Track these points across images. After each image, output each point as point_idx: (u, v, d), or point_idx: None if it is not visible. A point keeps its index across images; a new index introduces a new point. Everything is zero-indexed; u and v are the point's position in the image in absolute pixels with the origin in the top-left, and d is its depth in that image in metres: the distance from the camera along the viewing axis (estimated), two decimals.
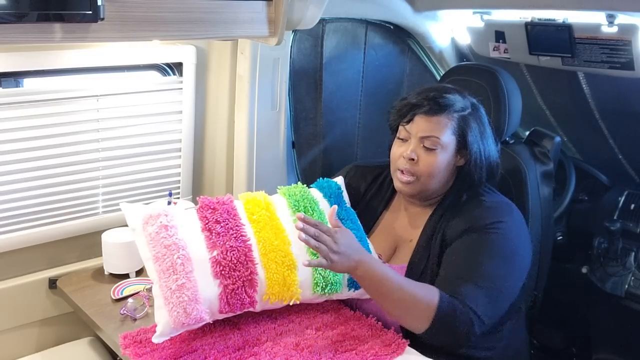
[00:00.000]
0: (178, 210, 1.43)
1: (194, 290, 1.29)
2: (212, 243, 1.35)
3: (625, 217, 2.11)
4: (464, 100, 1.49)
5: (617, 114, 2.12)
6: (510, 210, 1.50)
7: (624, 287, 2.02)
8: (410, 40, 2.37)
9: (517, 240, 1.46)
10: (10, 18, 1.17)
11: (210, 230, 1.37)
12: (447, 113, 1.45)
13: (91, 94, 1.73)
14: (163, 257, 1.31)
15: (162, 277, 1.30)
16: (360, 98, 2.32)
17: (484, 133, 1.49)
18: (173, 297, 1.28)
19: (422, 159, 1.46)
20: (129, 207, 1.42)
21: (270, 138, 2.04)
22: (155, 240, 1.34)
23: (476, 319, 1.32)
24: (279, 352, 1.30)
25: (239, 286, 1.33)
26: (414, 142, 1.47)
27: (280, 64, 1.97)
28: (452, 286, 1.35)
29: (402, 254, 1.54)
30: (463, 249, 1.42)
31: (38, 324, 1.78)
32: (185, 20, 1.43)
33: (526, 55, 2.08)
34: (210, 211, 1.40)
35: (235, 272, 1.33)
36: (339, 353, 1.31)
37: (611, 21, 1.75)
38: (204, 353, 1.30)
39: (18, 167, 1.66)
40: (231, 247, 1.35)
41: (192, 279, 1.30)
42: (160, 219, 1.36)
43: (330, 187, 1.58)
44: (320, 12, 1.69)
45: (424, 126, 1.46)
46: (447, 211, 1.50)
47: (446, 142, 1.45)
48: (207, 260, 1.34)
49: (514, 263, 1.43)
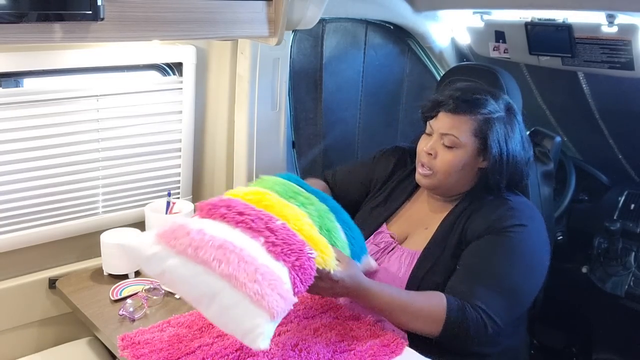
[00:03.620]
0: (184, 220, 1.27)
1: (271, 273, 1.13)
2: (253, 231, 1.20)
3: (625, 217, 2.12)
4: (495, 103, 1.47)
5: (617, 114, 2.12)
6: (533, 215, 1.48)
7: (624, 287, 2.02)
8: (410, 40, 2.37)
9: (537, 247, 1.45)
10: (10, 18, 1.17)
11: (241, 223, 1.21)
12: (471, 113, 1.44)
13: (91, 94, 1.73)
14: (223, 257, 1.13)
15: (236, 275, 1.11)
16: (360, 98, 2.33)
17: (510, 138, 1.46)
18: (263, 287, 1.10)
19: (440, 156, 1.47)
20: (134, 237, 1.25)
21: (270, 138, 2.04)
22: (201, 246, 1.15)
23: (489, 321, 1.34)
24: (277, 352, 1.30)
25: (303, 259, 1.20)
26: (435, 138, 1.48)
27: (280, 64, 1.97)
28: (466, 286, 1.37)
29: (416, 239, 1.54)
30: (481, 249, 1.42)
31: (37, 324, 1.78)
32: (185, 20, 1.43)
33: (526, 55, 2.08)
34: (224, 208, 1.25)
35: (293, 246, 1.20)
36: (337, 353, 1.31)
37: (611, 21, 1.76)
38: (202, 354, 1.29)
39: (18, 167, 1.66)
40: (271, 228, 1.21)
41: (263, 265, 1.14)
42: (185, 228, 1.19)
43: (290, 176, 1.49)
44: (320, 12, 1.69)
45: (445, 123, 1.46)
46: (469, 208, 1.50)
47: (465, 141, 1.44)
48: (260, 248, 1.18)
49: (532, 268, 1.43)
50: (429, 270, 1.45)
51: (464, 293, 1.36)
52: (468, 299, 1.35)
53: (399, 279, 1.47)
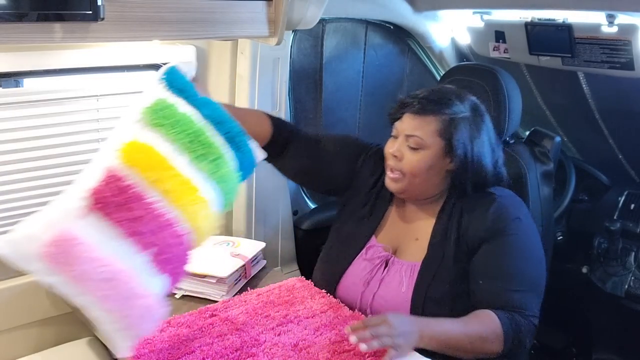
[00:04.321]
0: (74, 234, 1.09)
1: (148, 306, 1.12)
2: (141, 245, 1.13)
3: (625, 217, 2.12)
4: (461, 104, 1.45)
5: (617, 114, 2.13)
6: (519, 203, 1.51)
7: (624, 287, 2.02)
8: (410, 40, 2.38)
9: (534, 234, 1.49)
10: (10, 18, 1.17)
11: (133, 235, 1.12)
12: (435, 114, 1.43)
13: (91, 93, 1.72)
14: (108, 292, 1.09)
15: (113, 310, 1.09)
16: (360, 98, 2.33)
17: (476, 139, 1.44)
18: (134, 322, 1.11)
19: (406, 158, 1.45)
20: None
21: None
22: (89, 278, 1.08)
23: (535, 320, 1.38)
24: (277, 352, 1.30)
25: (181, 269, 1.18)
26: (400, 140, 1.46)
27: (280, 64, 1.97)
28: (505, 298, 1.37)
29: (410, 251, 1.52)
30: (496, 255, 1.42)
31: (38, 324, 1.78)
32: (185, 20, 1.43)
33: (526, 55, 2.08)
34: (120, 208, 1.11)
35: (177, 261, 1.17)
36: (337, 353, 1.31)
37: (611, 21, 1.76)
38: (202, 354, 1.29)
39: (18, 167, 1.65)
40: (161, 244, 1.14)
41: (140, 295, 1.11)
42: (75, 250, 1.08)
43: (176, 78, 1.30)
44: (320, 12, 1.69)
45: (409, 125, 1.45)
46: (456, 208, 1.49)
47: (430, 142, 1.43)
48: (144, 264, 1.13)
49: (540, 256, 1.48)
50: (432, 281, 1.43)
51: (504, 304, 1.37)
52: (511, 309, 1.36)
53: (402, 293, 1.45)
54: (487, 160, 1.47)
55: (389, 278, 1.49)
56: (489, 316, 1.34)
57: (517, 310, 1.36)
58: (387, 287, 1.48)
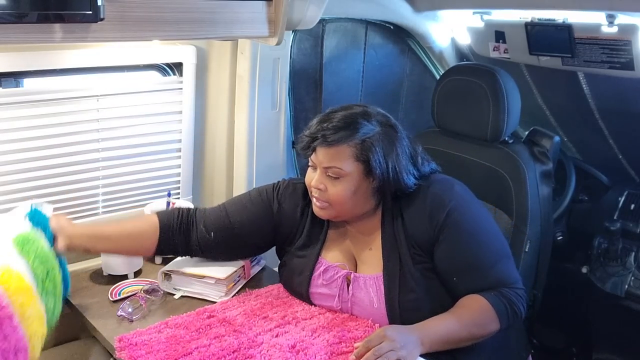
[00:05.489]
0: None
1: None
2: None
3: (625, 217, 2.11)
4: (369, 122, 1.42)
5: (617, 114, 2.12)
6: (449, 181, 1.50)
7: (624, 287, 2.02)
8: (410, 40, 2.38)
9: (475, 204, 1.50)
10: (10, 18, 1.17)
11: None
12: (346, 141, 1.39)
13: (91, 94, 1.73)
14: None
15: None
16: (360, 98, 2.33)
17: (390, 153, 1.42)
18: None
19: (329, 188, 1.43)
20: None
21: (270, 138, 2.04)
22: None
23: (520, 284, 1.43)
24: (274, 354, 1.30)
25: None
26: (319, 172, 1.44)
27: (280, 64, 1.97)
28: (484, 282, 1.40)
29: (368, 263, 1.50)
30: (455, 252, 1.41)
31: None
32: (185, 20, 1.43)
33: (526, 55, 2.08)
34: None
35: None
36: (335, 355, 1.31)
37: (611, 21, 1.75)
38: (200, 355, 1.29)
39: (18, 167, 1.66)
40: None
41: None
42: None
43: (40, 220, 1.43)
44: (320, 12, 1.69)
45: (325, 157, 1.41)
46: (395, 212, 1.47)
47: (350, 170, 1.40)
48: None
49: (489, 220, 1.52)
50: (401, 288, 1.42)
51: (486, 287, 1.39)
52: (494, 287, 1.39)
53: (376, 310, 1.44)
54: (409, 168, 1.45)
55: (356, 298, 1.47)
56: (478, 301, 1.37)
57: (500, 285, 1.39)
58: (359, 307, 1.47)
